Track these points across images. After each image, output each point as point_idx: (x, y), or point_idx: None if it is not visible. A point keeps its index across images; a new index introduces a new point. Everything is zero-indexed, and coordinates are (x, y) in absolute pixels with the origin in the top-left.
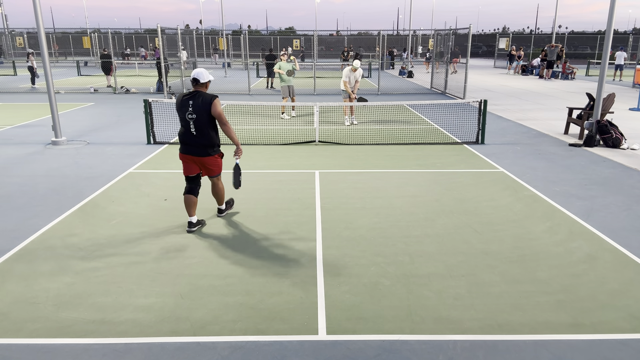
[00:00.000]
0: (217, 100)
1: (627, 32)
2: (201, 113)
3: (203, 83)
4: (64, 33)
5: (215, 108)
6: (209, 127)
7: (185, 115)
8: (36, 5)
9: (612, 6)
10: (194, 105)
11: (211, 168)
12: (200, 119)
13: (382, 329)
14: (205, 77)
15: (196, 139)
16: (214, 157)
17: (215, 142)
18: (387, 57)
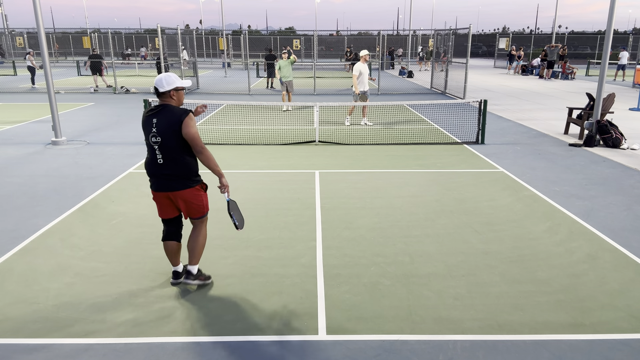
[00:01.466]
0: (189, 118)
1: (627, 32)
2: (168, 135)
3: (166, 92)
4: (64, 33)
5: (188, 128)
6: (181, 153)
7: (149, 137)
8: (36, 5)
9: (612, 6)
10: (158, 125)
11: (192, 205)
12: (167, 143)
13: (382, 329)
14: (168, 84)
15: (165, 169)
16: (195, 190)
17: (192, 169)
18: (387, 57)
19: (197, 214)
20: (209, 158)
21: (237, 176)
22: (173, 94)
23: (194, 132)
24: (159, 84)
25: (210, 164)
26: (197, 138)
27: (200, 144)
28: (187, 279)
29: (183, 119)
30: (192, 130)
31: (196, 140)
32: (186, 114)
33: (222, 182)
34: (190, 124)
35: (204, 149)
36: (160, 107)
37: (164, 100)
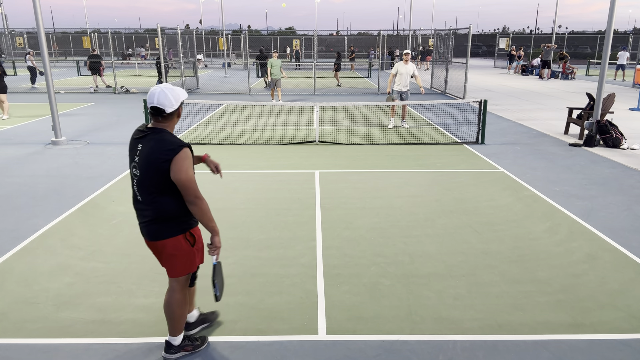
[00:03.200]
0: (182, 157)
1: (627, 32)
2: (149, 171)
3: (170, 114)
4: (64, 33)
5: (179, 172)
6: (162, 194)
7: (130, 167)
8: (36, 5)
9: (612, 6)
10: (142, 154)
11: (171, 259)
12: (145, 181)
13: (382, 329)
14: (176, 100)
15: (143, 209)
16: (175, 240)
17: (173, 214)
18: (387, 57)
19: (179, 273)
20: (204, 211)
21: (237, 176)
22: (180, 111)
23: (186, 178)
24: (165, 103)
25: (204, 218)
26: (190, 185)
27: (193, 192)
28: (166, 353)
29: (172, 157)
30: (185, 176)
31: (189, 188)
32: (179, 149)
33: (215, 242)
34: (183, 167)
35: (198, 199)
36: (151, 131)
37: (159, 123)
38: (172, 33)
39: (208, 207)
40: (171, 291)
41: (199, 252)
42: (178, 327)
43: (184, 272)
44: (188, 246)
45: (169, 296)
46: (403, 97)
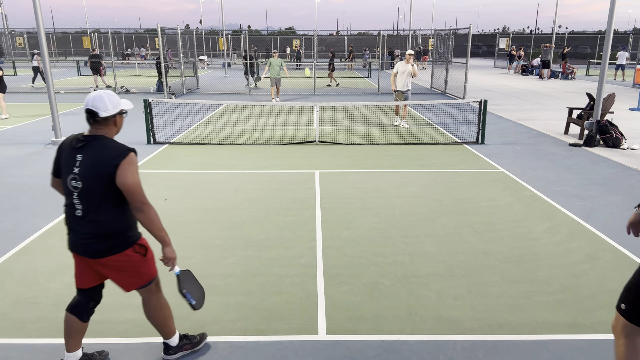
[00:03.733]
0: (129, 161)
1: (627, 32)
2: (93, 181)
3: (109, 117)
4: (64, 33)
5: (126, 176)
6: (109, 206)
7: (68, 179)
8: (36, 5)
9: (612, 6)
10: (83, 165)
11: (125, 275)
12: (90, 192)
13: (382, 329)
14: (113, 106)
15: (84, 225)
16: (123, 256)
17: (125, 226)
18: (387, 57)
19: (135, 285)
20: (152, 219)
21: (237, 176)
22: (117, 120)
23: (133, 182)
24: (99, 105)
25: (152, 227)
26: (137, 190)
27: (141, 198)
28: (166, 355)
29: (119, 162)
30: (131, 180)
31: (136, 194)
32: (126, 154)
33: (165, 253)
34: (130, 171)
35: (145, 205)
36: (91, 139)
37: (98, 130)
38: (172, 33)
39: (157, 215)
40: (146, 301)
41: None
42: (169, 330)
43: (144, 282)
44: (139, 258)
45: (145, 307)
46: (404, 97)
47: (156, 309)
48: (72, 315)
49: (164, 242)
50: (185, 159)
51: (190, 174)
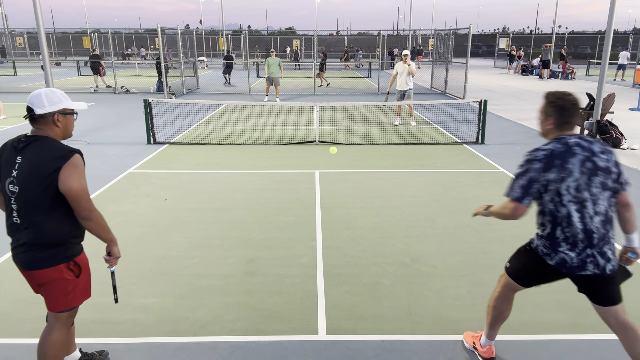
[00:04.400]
0: (72, 164)
1: (627, 32)
2: (31, 185)
3: (46, 116)
4: (64, 33)
5: (68, 180)
6: (48, 213)
7: (6, 183)
8: (36, 5)
9: (612, 6)
10: (21, 168)
11: (52, 292)
12: (27, 197)
13: (382, 329)
14: (50, 103)
15: (21, 233)
16: (56, 270)
17: (56, 238)
18: (387, 57)
19: (57, 307)
20: (101, 225)
21: (237, 176)
22: (58, 119)
23: (78, 188)
24: (34, 102)
25: (101, 232)
26: (83, 196)
27: (87, 205)
28: None
29: (61, 165)
30: (76, 184)
31: (82, 200)
32: (69, 156)
33: (114, 252)
34: (74, 175)
35: (92, 212)
36: (33, 139)
37: (39, 130)
38: (172, 33)
39: (104, 220)
40: (49, 328)
41: (85, 284)
42: None
43: (66, 306)
44: (71, 277)
45: (45, 334)
46: (406, 96)
47: (54, 343)
48: None
49: (112, 242)
50: (185, 159)
51: (190, 174)
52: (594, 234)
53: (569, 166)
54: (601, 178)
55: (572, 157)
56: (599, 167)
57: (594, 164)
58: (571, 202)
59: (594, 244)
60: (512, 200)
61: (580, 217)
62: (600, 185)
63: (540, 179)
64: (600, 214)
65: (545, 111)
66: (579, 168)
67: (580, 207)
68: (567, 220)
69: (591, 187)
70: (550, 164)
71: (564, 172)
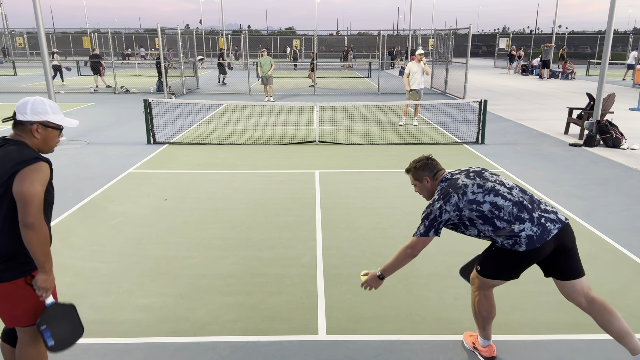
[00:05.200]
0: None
1: (627, 32)
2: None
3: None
4: (63, 33)
5: (22, 180)
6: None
7: None
8: (36, 5)
9: (612, 6)
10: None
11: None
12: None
13: (382, 329)
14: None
15: None
16: (13, 285)
17: (14, 250)
18: (387, 57)
19: (19, 322)
20: (41, 242)
21: (237, 176)
22: (37, 129)
23: (30, 191)
24: (19, 108)
25: (37, 250)
26: (33, 202)
27: (32, 211)
28: None
29: (20, 169)
30: (29, 188)
31: (30, 206)
32: (33, 161)
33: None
34: (30, 178)
35: (38, 222)
36: (7, 142)
37: (18, 135)
38: (172, 33)
39: (47, 240)
40: (20, 345)
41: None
42: None
43: (29, 320)
44: (30, 292)
45: (18, 351)
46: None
47: (29, 358)
48: (6, 345)
49: (42, 269)
50: (185, 159)
51: (190, 174)
52: (523, 202)
53: (459, 183)
54: (487, 173)
55: (457, 180)
56: (479, 171)
57: (475, 171)
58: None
59: (531, 209)
60: (417, 236)
61: (502, 197)
62: (492, 174)
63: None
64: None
65: (417, 178)
66: (467, 179)
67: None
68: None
69: (487, 178)
70: (447, 195)
71: (460, 190)
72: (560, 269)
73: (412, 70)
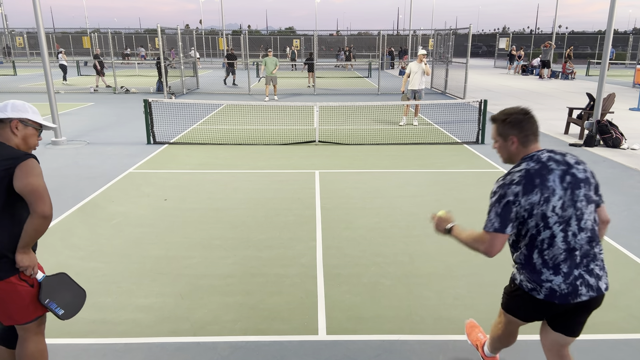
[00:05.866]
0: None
1: (627, 32)
2: None
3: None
4: (63, 33)
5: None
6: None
7: None
8: (36, 5)
9: (612, 6)
10: None
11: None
12: None
13: (382, 329)
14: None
15: None
16: (6, 284)
17: (5, 247)
18: (387, 57)
19: (18, 319)
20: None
21: (237, 176)
22: (16, 126)
23: (38, 184)
24: (1, 107)
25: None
26: (42, 193)
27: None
28: None
29: (16, 165)
30: (37, 181)
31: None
32: (24, 157)
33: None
34: (33, 172)
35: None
36: None
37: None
38: (172, 33)
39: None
40: (21, 342)
41: None
42: None
43: (27, 317)
44: (26, 288)
45: (20, 349)
46: (416, 95)
47: (32, 356)
48: (1, 347)
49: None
50: (185, 159)
51: (190, 174)
52: (576, 252)
53: (550, 184)
54: (584, 190)
55: (550, 174)
56: (580, 179)
57: (573, 176)
58: (557, 224)
59: (577, 263)
60: (490, 231)
61: (564, 236)
62: (584, 198)
63: (523, 204)
64: (586, 230)
65: (501, 133)
66: (560, 184)
67: (565, 226)
68: (548, 242)
69: (576, 202)
70: (530, 185)
71: (546, 191)
72: (564, 324)
73: (412, 70)
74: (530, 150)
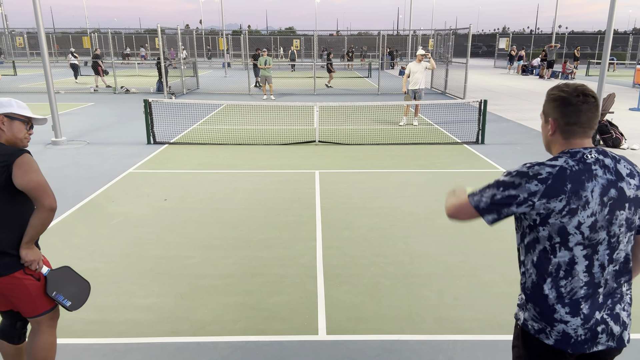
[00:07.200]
0: (25, 159)
1: (627, 32)
2: None
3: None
4: (64, 33)
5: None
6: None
7: None
8: (36, 5)
9: (612, 6)
10: None
11: (16, 300)
12: None
13: (382, 329)
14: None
15: None
16: (12, 279)
17: (8, 242)
18: (387, 57)
19: (29, 312)
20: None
21: (237, 176)
22: (2, 122)
23: (39, 179)
24: None
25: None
26: (45, 187)
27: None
28: None
29: (13, 161)
30: (37, 177)
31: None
32: (19, 153)
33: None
34: (32, 168)
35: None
36: None
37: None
38: (172, 33)
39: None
40: (33, 333)
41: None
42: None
43: (37, 310)
44: (32, 282)
45: (30, 340)
46: (416, 95)
47: (42, 347)
48: (2, 341)
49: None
50: (185, 159)
51: (190, 174)
52: (600, 288)
53: (585, 193)
54: (628, 213)
55: (591, 181)
56: (627, 198)
57: (620, 191)
58: (580, 245)
59: (601, 304)
60: (472, 205)
61: (588, 265)
62: (625, 223)
63: (537, 207)
64: (617, 263)
65: (544, 110)
66: (599, 197)
67: (591, 252)
68: (566, 269)
69: (613, 224)
70: (557, 188)
71: (576, 201)
72: None
73: (412, 70)
74: (574, 144)
